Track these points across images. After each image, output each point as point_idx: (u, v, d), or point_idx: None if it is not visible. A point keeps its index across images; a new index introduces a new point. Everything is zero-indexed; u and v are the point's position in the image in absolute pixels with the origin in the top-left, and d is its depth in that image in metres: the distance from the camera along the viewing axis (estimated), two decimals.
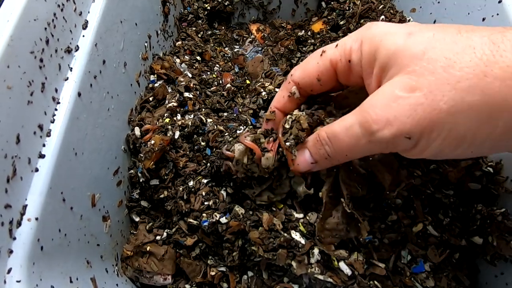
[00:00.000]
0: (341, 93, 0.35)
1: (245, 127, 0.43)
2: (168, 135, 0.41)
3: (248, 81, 0.52)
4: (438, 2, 0.49)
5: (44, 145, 0.31)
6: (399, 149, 0.27)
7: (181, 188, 0.40)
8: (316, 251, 0.35)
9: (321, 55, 0.32)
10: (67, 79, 0.34)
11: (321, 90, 0.34)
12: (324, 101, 0.35)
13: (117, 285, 0.39)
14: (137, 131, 0.43)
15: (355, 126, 0.27)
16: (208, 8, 0.62)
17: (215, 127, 0.42)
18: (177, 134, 0.42)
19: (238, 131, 0.41)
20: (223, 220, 0.37)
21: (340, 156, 0.30)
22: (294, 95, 0.34)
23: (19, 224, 0.29)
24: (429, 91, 0.24)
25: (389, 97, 0.26)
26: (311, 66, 0.33)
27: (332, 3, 0.60)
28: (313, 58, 0.33)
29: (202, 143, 0.41)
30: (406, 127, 0.25)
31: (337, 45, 0.31)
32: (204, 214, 0.38)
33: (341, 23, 0.57)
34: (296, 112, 0.34)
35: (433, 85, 0.24)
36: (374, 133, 0.26)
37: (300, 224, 0.36)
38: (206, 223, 0.38)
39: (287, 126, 0.33)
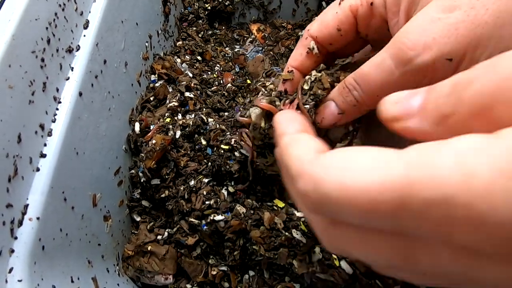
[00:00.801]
0: (359, 59, 0.34)
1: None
2: (169, 134, 0.41)
3: (249, 81, 0.52)
4: None
5: (45, 145, 0.31)
6: (437, 76, 0.25)
7: (182, 188, 0.40)
8: (317, 250, 0.35)
9: (339, 4, 0.31)
10: (68, 78, 0.34)
11: (341, 42, 0.32)
12: (342, 67, 0.34)
13: (118, 284, 0.39)
14: (137, 126, 0.43)
15: (387, 59, 0.26)
16: (209, 8, 0.62)
17: (217, 126, 0.42)
18: (178, 133, 0.42)
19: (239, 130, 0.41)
20: (221, 223, 0.37)
21: (370, 99, 0.28)
22: (313, 50, 0.32)
23: (20, 223, 0.29)
24: (470, 8, 0.23)
25: (425, 21, 0.24)
26: (329, 17, 0.31)
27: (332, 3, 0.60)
28: (331, 8, 0.31)
29: (203, 143, 0.41)
30: (447, 47, 0.23)
31: None
32: (203, 220, 0.39)
33: None
34: (314, 72, 0.32)
35: (473, 0, 0.23)
36: (410, 60, 0.25)
37: (301, 223, 0.36)
38: (205, 227, 0.38)
39: (306, 87, 0.31)
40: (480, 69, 0.18)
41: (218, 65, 0.56)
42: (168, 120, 0.43)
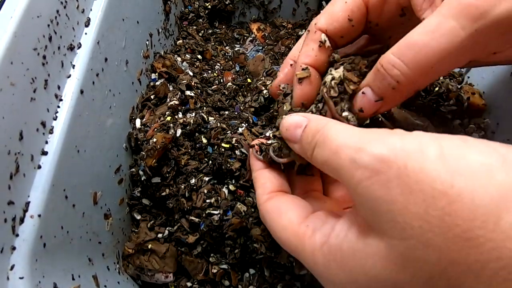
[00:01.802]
0: (373, 47, 0.31)
1: (247, 124, 0.43)
2: (170, 133, 0.41)
3: (249, 80, 0.52)
4: None
5: (46, 142, 0.31)
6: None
7: (183, 186, 0.40)
8: None
9: None
10: (69, 76, 0.34)
11: (353, 34, 0.30)
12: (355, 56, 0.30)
13: (118, 282, 0.39)
14: (138, 123, 0.43)
15: (447, 21, 0.22)
16: (209, 7, 0.62)
17: (218, 125, 0.42)
18: (179, 132, 0.42)
19: (240, 129, 0.41)
20: (215, 217, 0.38)
21: (419, 74, 0.23)
22: (325, 43, 0.29)
23: (21, 221, 0.29)
24: None
25: None
26: (338, 8, 0.29)
27: None
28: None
29: (204, 141, 0.42)
30: None
31: None
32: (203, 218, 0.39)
33: None
34: (334, 72, 0.28)
35: None
36: (484, 14, 0.21)
37: None
38: (202, 226, 0.39)
39: (334, 93, 0.27)
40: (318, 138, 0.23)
41: (218, 64, 0.56)
42: (168, 118, 0.43)
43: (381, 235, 0.19)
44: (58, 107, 0.33)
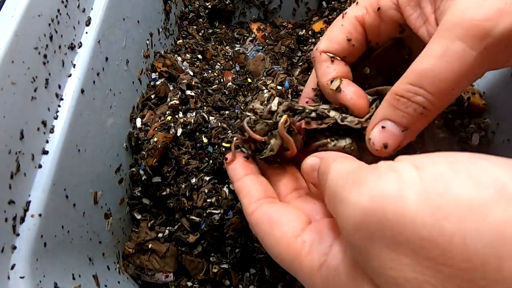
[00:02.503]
0: (375, 53, 0.32)
1: None
2: (171, 132, 0.41)
3: (249, 80, 0.52)
4: None
5: (47, 142, 0.31)
6: None
7: (183, 186, 0.40)
8: None
9: (342, 17, 0.29)
10: (70, 75, 0.34)
11: (354, 54, 0.30)
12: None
13: (118, 282, 0.39)
14: (138, 122, 0.43)
15: (454, 44, 0.22)
16: (209, 6, 0.62)
17: (218, 124, 0.42)
18: (179, 131, 0.42)
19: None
20: (216, 216, 0.37)
21: (442, 97, 0.23)
22: (335, 57, 0.30)
23: (22, 220, 0.29)
24: None
25: None
26: (336, 30, 0.29)
27: (333, 2, 0.60)
28: (335, 24, 0.30)
29: (205, 141, 0.42)
30: None
31: (357, 2, 0.29)
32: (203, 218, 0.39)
33: None
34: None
35: None
36: (489, 33, 0.21)
37: None
38: (203, 226, 0.39)
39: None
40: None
41: (218, 63, 0.56)
42: (169, 118, 0.43)
43: (374, 286, 0.19)
44: (59, 106, 0.33)
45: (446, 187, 0.16)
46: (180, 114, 0.45)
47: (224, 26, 0.65)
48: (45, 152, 0.31)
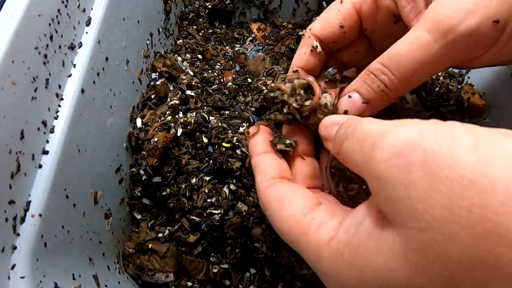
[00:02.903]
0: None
1: (247, 124, 0.43)
2: (171, 132, 0.41)
3: (249, 80, 0.52)
4: None
5: (47, 141, 0.31)
6: (480, 44, 0.24)
7: (183, 186, 0.40)
8: None
9: (341, 2, 0.30)
10: (70, 75, 0.34)
11: (345, 40, 0.31)
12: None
13: (119, 282, 0.39)
14: (138, 122, 0.43)
15: (423, 34, 0.24)
16: (209, 6, 0.62)
17: (219, 124, 0.42)
18: (180, 131, 0.42)
19: (241, 128, 0.41)
20: (216, 216, 0.37)
21: (402, 82, 0.26)
22: (317, 48, 0.31)
23: (22, 220, 0.28)
24: None
25: None
26: (332, 15, 0.30)
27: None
28: (333, 6, 0.31)
29: (205, 141, 0.42)
30: (491, 10, 0.23)
31: None
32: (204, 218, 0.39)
33: None
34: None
35: None
36: (452, 29, 0.23)
37: None
38: (203, 226, 0.39)
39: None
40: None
41: (218, 63, 0.56)
42: (169, 118, 0.43)
43: (397, 226, 0.17)
44: (59, 106, 0.33)
45: (496, 142, 0.16)
46: (180, 114, 0.45)
47: (224, 26, 0.65)
48: (45, 152, 0.31)
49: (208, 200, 0.39)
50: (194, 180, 0.40)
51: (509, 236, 0.14)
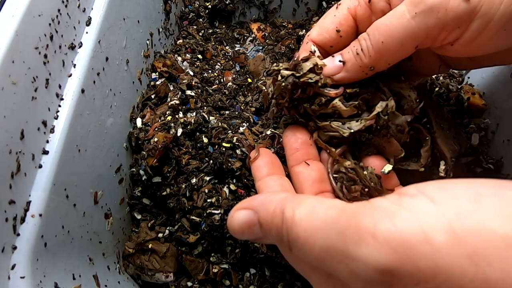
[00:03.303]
0: None
1: (247, 124, 0.43)
2: (171, 132, 0.41)
3: (249, 80, 0.52)
4: None
5: (47, 141, 0.31)
6: (450, 22, 0.25)
7: (183, 186, 0.40)
8: None
9: (336, 8, 0.32)
10: (70, 75, 0.34)
11: (342, 44, 0.32)
12: None
13: (119, 282, 0.39)
14: (139, 122, 0.43)
15: (400, 6, 0.26)
16: (209, 6, 0.62)
17: (219, 124, 0.42)
18: (180, 131, 0.42)
19: (241, 128, 0.41)
20: (216, 216, 0.37)
21: (375, 48, 0.27)
22: (315, 53, 0.32)
23: (23, 220, 0.28)
24: None
25: None
26: (328, 20, 0.32)
27: (333, 2, 0.60)
28: (329, 13, 0.32)
29: (205, 141, 0.41)
30: None
31: None
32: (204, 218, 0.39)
33: None
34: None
35: None
36: (423, 0, 0.25)
37: None
38: (203, 226, 0.39)
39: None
40: None
41: (218, 63, 0.56)
42: (169, 118, 0.43)
43: None
44: (59, 106, 0.33)
45: (477, 224, 0.15)
46: (180, 114, 0.45)
47: (224, 26, 0.65)
48: (46, 152, 0.31)
49: (208, 200, 0.39)
50: (194, 180, 0.40)
51: None
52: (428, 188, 0.16)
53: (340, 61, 0.30)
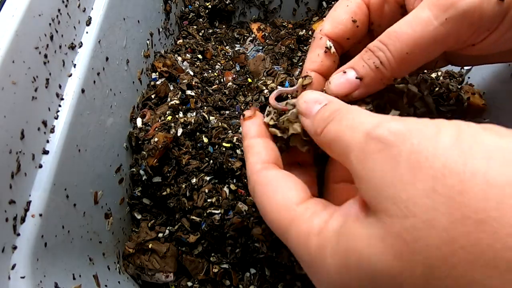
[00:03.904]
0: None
1: None
2: (171, 132, 0.41)
3: (249, 80, 0.52)
4: None
5: (48, 141, 0.31)
6: (482, 25, 0.24)
7: (184, 185, 0.40)
8: None
9: None
10: (70, 75, 0.34)
11: (358, 36, 0.30)
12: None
13: (119, 282, 0.39)
14: (139, 122, 0.43)
15: (422, 11, 0.24)
16: (209, 6, 0.62)
17: (219, 124, 0.42)
18: (180, 131, 0.42)
19: (241, 128, 0.41)
20: (216, 216, 0.37)
21: (398, 60, 0.25)
22: (331, 49, 0.30)
23: (23, 220, 0.28)
24: None
25: None
26: (341, 12, 0.30)
27: (333, 2, 0.60)
28: (340, 3, 0.30)
29: (205, 141, 0.42)
30: None
31: None
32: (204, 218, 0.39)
33: None
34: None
35: None
36: (453, 5, 0.23)
37: None
38: (203, 226, 0.39)
39: None
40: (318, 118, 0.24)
41: (219, 63, 0.56)
42: (169, 118, 0.43)
43: (381, 214, 0.18)
44: (59, 106, 0.33)
45: (477, 136, 0.17)
46: (181, 114, 0.45)
47: (224, 26, 0.65)
48: (46, 152, 0.31)
49: (208, 200, 0.39)
50: (194, 180, 0.40)
51: (488, 221, 0.14)
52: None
53: (357, 77, 0.27)
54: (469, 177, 0.16)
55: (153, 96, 0.46)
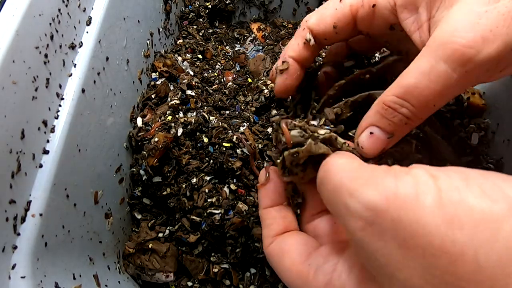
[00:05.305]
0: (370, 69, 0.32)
1: (248, 123, 0.43)
2: (171, 132, 0.41)
3: (250, 79, 0.52)
4: None
5: (48, 141, 0.31)
6: (499, 68, 0.24)
7: (184, 185, 0.40)
8: None
9: (340, 0, 0.30)
10: (71, 75, 0.34)
11: (335, 39, 0.32)
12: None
13: (119, 282, 0.39)
14: (139, 121, 0.43)
15: (438, 64, 0.24)
16: (209, 6, 0.62)
17: (219, 124, 0.42)
18: (180, 131, 0.42)
19: (241, 128, 0.41)
20: (217, 216, 0.37)
21: (424, 111, 0.25)
22: (310, 42, 0.31)
23: (23, 220, 0.28)
24: None
25: (471, 16, 0.23)
26: (328, 12, 0.31)
27: None
28: (332, 3, 0.31)
29: (205, 140, 0.42)
30: (510, 37, 0.22)
31: None
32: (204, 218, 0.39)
33: None
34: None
35: None
36: (471, 59, 0.23)
37: None
38: (203, 226, 0.39)
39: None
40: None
41: (219, 63, 0.56)
42: (169, 118, 0.43)
43: (381, 286, 0.19)
44: (60, 106, 0.33)
45: (461, 198, 0.17)
46: (181, 114, 0.45)
47: (224, 26, 0.65)
48: (46, 152, 0.31)
49: (209, 200, 0.39)
50: (194, 180, 0.40)
51: None
52: (431, 168, 0.20)
53: (389, 137, 0.27)
54: (458, 257, 0.16)
55: (153, 96, 0.46)
